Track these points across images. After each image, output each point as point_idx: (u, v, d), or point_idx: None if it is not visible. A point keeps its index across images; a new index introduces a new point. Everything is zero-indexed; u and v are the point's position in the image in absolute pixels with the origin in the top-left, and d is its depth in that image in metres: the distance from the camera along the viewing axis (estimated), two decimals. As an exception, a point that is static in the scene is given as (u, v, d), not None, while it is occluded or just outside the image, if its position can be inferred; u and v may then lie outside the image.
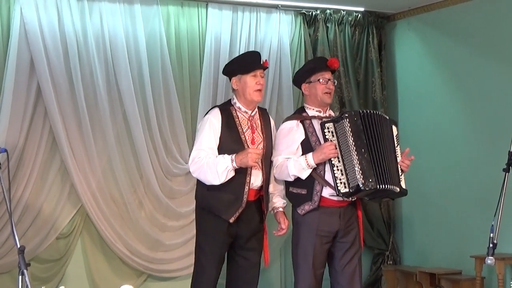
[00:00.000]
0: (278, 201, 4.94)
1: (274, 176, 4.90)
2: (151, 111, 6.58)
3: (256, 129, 4.77)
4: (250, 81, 4.72)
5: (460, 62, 7.12)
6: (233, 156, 4.53)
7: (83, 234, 6.45)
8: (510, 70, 6.57)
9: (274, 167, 4.83)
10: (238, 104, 4.80)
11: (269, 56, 7.12)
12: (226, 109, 4.78)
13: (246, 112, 4.79)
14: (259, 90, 4.75)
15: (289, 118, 4.95)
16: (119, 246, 6.45)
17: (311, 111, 4.89)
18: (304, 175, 4.71)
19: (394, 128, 4.88)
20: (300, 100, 7.15)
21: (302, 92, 5.02)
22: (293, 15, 7.34)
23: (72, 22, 6.24)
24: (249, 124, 4.78)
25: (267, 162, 4.81)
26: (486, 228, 4.35)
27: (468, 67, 7.03)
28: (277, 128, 5.00)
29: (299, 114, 4.93)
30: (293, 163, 4.71)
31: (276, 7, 7.20)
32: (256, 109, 4.89)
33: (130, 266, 6.56)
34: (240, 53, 6.94)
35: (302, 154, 4.75)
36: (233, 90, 4.86)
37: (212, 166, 4.54)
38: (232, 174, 4.56)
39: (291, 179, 4.78)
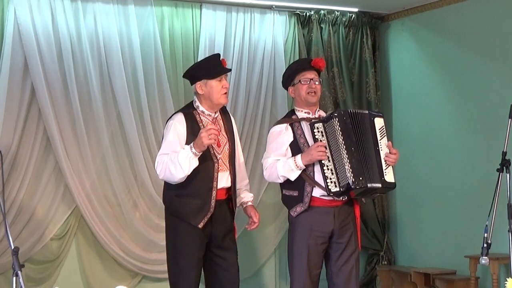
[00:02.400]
0: (245, 195, 4.93)
1: (265, 178, 4.91)
2: (145, 111, 6.58)
3: (220, 130, 4.75)
4: (217, 85, 4.68)
5: (454, 62, 7.13)
6: (192, 144, 4.50)
7: (78, 235, 6.44)
8: (504, 70, 6.59)
9: (264, 169, 4.84)
10: (201, 108, 4.75)
11: (263, 57, 7.14)
12: (190, 113, 4.73)
13: (210, 115, 4.75)
14: (226, 93, 4.74)
15: (279, 122, 4.96)
16: (114, 247, 6.45)
17: (300, 113, 4.90)
18: (293, 176, 4.71)
19: (378, 120, 4.82)
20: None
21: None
22: (287, 16, 7.35)
23: (66, 23, 6.24)
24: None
25: (233, 162, 4.80)
26: (480, 228, 4.37)
27: (462, 67, 7.04)
28: (267, 132, 5.01)
29: (289, 117, 4.95)
30: (282, 164, 4.73)
31: (270, 7, 7.21)
32: (218, 110, 4.86)
33: (124, 267, 6.56)
34: (235, 54, 6.97)
35: (292, 155, 4.76)
36: (196, 94, 4.79)
37: (174, 160, 4.50)
38: (195, 162, 4.49)
39: (281, 180, 4.79)
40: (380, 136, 4.79)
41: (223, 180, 4.71)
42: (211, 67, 4.74)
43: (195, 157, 4.49)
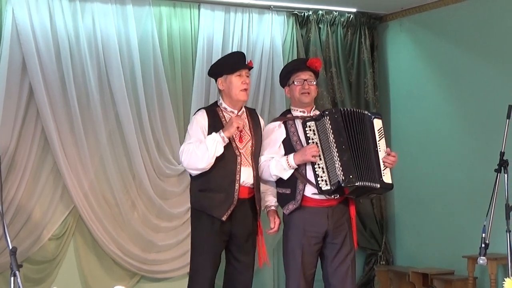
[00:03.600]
0: (270, 200, 4.94)
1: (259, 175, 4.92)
2: (143, 111, 6.58)
3: (243, 127, 4.79)
4: (236, 81, 4.75)
5: (452, 63, 7.14)
6: (220, 130, 4.62)
7: (76, 235, 6.43)
8: (502, 71, 6.59)
9: (259, 166, 4.85)
10: (224, 105, 4.82)
11: (262, 57, 7.13)
12: (212, 110, 4.82)
13: (233, 112, 4.81)
14: (245, 89, 4.78)
15: (274, 120, 4.99)
16: (112, 247, 6.44)
17: (295, 112, 4.92)
18: (285, 175, 4.72)
19: (377, 121, 4.83)
20: (293, 101, 7.17)
21: None
22: (285, 16, 7.35)
23: (64, 23, 6.23)
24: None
25: (257, 160, 4.84)
26: (479, 228, 4.37)
27: (460, 68, 7.05)
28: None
29: (284, 116, 4.96)
30: (274, 163, 4.74)
31: (268, 8, 7.21)
32: (243, 109, 4.91)
33: (123, 267, 6.55)
34: (233, 54, 6.97)
35: (285, 154, 4.77)
36: (219, 90, 4.87)
37: (201, 146, 4.58)
38: (220, 148, 4.57)
39: (273, 179, 4.80)
40: (379, 137, 4.80)
41: (245, 174, 4.74)
42: (231, 62, 4.81)
43: (223, 142, 4.56)
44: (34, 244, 6.15)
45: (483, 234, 4.29)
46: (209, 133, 4.69)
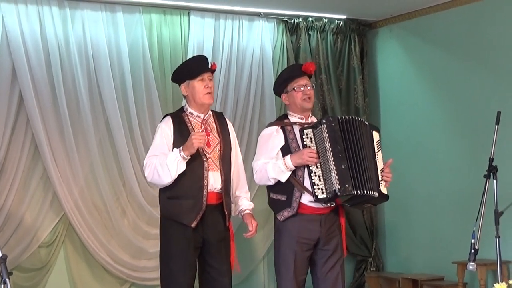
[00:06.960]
0: (244, 203, 4.90)
1: (255, 181, 4.88)
2: (133, 119, 6.58)
3: (211, 131, 4.75)
4: (199, 86, 4.69)
5: (441, 69, 7.17)
6: (181, 147, 4.53)
7: (66, 242, 6.42)
8: (491, 77, 6.63)
9: (254, 172, 4.82)
10: (189, 110, 4.76)
11: (252, 64, 7.15)
12: (178, 116, 4.76)
13: (199, 116, 4.75)
14: (209, 93, 4.72)
15: (271, 124, 4.95)
16: (102, 254, 6.43)
17: (293, 118, 4.89)
18: (283, 178, 4.69)
19: (375, 134, 4.85)
20: (283, 108, 7.17)
21: None
22: (275, 23, 7.37)
23: (54, 30, 6.23)
24: (202, 127, 4.74)
25: (225, 164, 4.77)
26: (468, 234, 4.38)
27: (449, 74, 7.08)
28: (255, 139, 5.00)
29: (281, 120, 4.94)
30: (272, 166, 4.70)
31: (258, 15, 7.23)
32: (210, 112, 4.85)
33: (113, 275, 6.54)
34: (223, 61, 6.98)
35: None
36: (184, 96, 4.82)
37: (163, 163, 4.52)
38: (183, 166, 4.52)
39: (271, 182, 4.76)
40: (377, 149, 4.82)
41: (213, 179, 4.67)
42: (192, 67, 4.75)
43: (184, 160, 4.51)
44: (24, 252, 6.13)
45: (473, 240, 4.30)
46: (174, 140, 4.64)
